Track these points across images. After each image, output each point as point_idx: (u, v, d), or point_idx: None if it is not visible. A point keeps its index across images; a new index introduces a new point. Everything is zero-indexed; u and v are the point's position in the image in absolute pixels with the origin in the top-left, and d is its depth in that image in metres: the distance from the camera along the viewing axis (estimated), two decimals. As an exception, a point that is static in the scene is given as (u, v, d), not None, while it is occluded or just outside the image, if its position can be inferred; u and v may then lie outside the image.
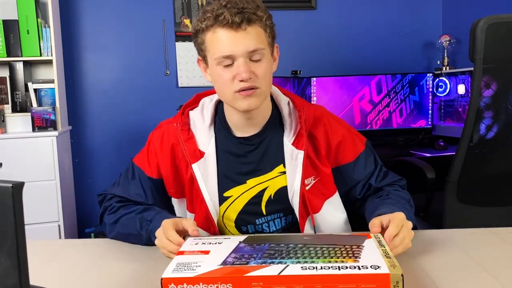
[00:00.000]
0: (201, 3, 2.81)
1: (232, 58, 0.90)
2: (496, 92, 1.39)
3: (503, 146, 1.47)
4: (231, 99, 0.94)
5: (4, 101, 2.45)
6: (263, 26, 0.92)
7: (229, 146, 1.03)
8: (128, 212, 1.01)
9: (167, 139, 1.04)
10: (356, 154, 1.06)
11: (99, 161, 2.83)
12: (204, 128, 1.03)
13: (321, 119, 1.05)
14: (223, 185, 1.02)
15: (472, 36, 1.35)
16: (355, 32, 2.91)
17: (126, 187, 1.08)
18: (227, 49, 0.89)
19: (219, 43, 0.89)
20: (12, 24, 2.37)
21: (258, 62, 0.91)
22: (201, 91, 1.13)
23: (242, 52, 0.89)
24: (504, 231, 1.00)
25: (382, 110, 2.59)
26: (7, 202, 0.41)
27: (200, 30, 0.92)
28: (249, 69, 0.90)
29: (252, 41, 0.89)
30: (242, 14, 0.87)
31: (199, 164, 1.00)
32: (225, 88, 0.93)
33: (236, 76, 0.90)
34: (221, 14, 0.87)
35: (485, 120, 1.41)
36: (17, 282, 0.42)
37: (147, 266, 0.86)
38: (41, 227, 2.27)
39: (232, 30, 0.88)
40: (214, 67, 0.93)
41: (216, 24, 0.88)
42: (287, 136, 1.02)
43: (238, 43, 0.88)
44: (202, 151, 1.01)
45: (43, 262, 0.90)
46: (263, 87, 0.93)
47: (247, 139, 1.02)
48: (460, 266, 0.81)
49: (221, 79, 0.92)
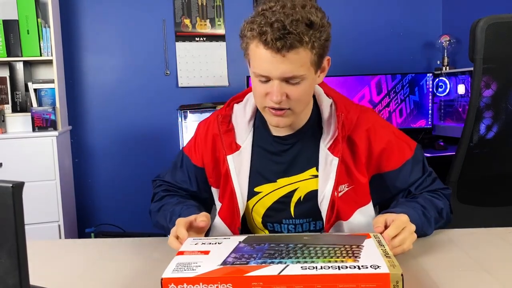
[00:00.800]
0: (201, 3, 2.81)
1: (268, 78, 0.88)
2: (496, 92, 1.39)
3: (503, 146, 1.47)
4: (262, 110, 0.96)
5: (4, 101, 2.45)
6: (309, 48, 0.85)
7: (265, 143, 1.04)
8: (166, 204, 1.06)
9: (211, 130, 1.07)
10: (401, 162, 1.01)
11: (99, 161, 2.83)
12: (244, 122, 1.05)
13: (365, 123, 1.01)
14: (254, 180, 1.03)
15: (472, 36, 1.35)
16: (355, 32, 2.91)
17: (173, 174, 1.13)
18: (264, 69, 0.87)
19: (258, 60, 0.87)
20: (12, 24, 2.37)
21: (295, 85, 0.89)
22: (201, 91, 1.14)
23: (278, 76, 0.87)
24: (504, 231, 1.00)
25: (382, 110, 2.59)
26: (7, 202, 0.41)
27: (246, 37, 0.90)
28: (282, 93, 0.88)
29: (289, 67, 0.85)
30: (284, 40, 0.82)
31: (234, 156, 1.02)
32: (257, 100, 0.95)
33: (268, 95, 0.90)
34: (264, 33, 0.83)
35: (485, 120, 1.41)
36: (17, 282, 0.42)
37: (146, 266, 0.86)
38: (41, 227, 2.27)
39: (272, 51, 0.84)
40: (253, 76, 0.93)
41: (258, 40, 0.85)
42: (324, 140, 1.00)
43: (275, 67, 0.86)
44: (238, 144, 1.03)
45: (43, 262, 0.90)
46: (296, 108, 0.92)
47: (283, 138, 1.02)
48: (460, 266, 0.81)
49: (256, 91, 0.93)
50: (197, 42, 2.82)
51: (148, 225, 2.77)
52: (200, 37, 2.82)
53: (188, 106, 2.53)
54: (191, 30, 2.81)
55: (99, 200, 2.85)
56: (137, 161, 2.82)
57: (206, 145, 1.07)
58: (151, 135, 2.82)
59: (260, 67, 0.87)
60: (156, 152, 2.81)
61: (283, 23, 0.82)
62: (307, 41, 0.84)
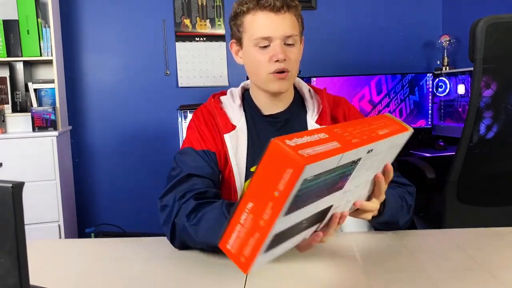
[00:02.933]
0: (201, 3, 2.81)
1: (269, 40, 0.96)
2: (496, 92, 1.39)
3: (503, 146, 1.46)
4: (264, 80, 1.00)
5: (4, 101, 2.45)
6: (297, 15, 0.99)
7: (258, 124, 1.07)
8: (211, 211, 0.89)
9: (208, 116, 1.07)
10: None
11: (99, 161, 2.83)
12: (234, 107, 1.07)
13: (340, 102, 1.12)
14: (251, 160, 1.04)
15: (472, 36, 1.35)
16: (355, 32, 2.91)
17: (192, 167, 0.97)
18: (266, 31, 0.95)
19: (259, 25, 0.96)
20: (12, 24, 2.37)
21: (291, 47, 0.98)
22: (201, 91, 1.14)
23: (280, 35, 0.95)
24: (504, 231, 1.00)
25: (382, 110, 2.59)
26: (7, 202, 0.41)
27: (241, 13, 0.98)
28: (285, 51, 0.96)
29: (289, 26, 0.96)
30: (284, 3, 0.94)
31: (231, 135, 1.03)
32: (260, 69, 0.99)
33: (272, 57, 0.96)
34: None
35: (485, 120, 1.41)
36: (17, 282, 0.42)
37: (147, 266, 0.86)
38: (41, 227, 2.27)
39: (272, 13, 0.95)
40: (250, 48, 0.99)
41: (257, 7, 0.95)
42: (310, 116, 1.07)
43: (277, 26, 0.95)
44: (234, 124, 1.05)
45: (43, 262, 0.89)
46: (293, 71, 1.00)
47: (274, 116, 1.07)
48: (460, 266, 0.81)
49: (256, 60, 0.98)
50: (197, 42, 2.82)
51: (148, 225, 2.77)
52: (200, 37, 2.82)
53: (188, 106, 2.53)
54: (191, 30, 2.81)
55: (99, 200, 2.85)
56: (137, 161, 2.82)
57: (209, 130, 1.05)
58: (151, 135, 2.82)
59: (262, 30, 0.95)
60: (156, 152, 2.81)
61: None
62: (297, 4, 0.98)
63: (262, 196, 0.50)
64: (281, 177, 0.48)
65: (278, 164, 0.49)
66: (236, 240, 0.53)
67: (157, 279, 0.66)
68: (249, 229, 0.52)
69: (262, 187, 0.50)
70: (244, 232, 0.53)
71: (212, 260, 0.87)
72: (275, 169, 0.49)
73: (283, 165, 0.48)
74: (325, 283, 0.75)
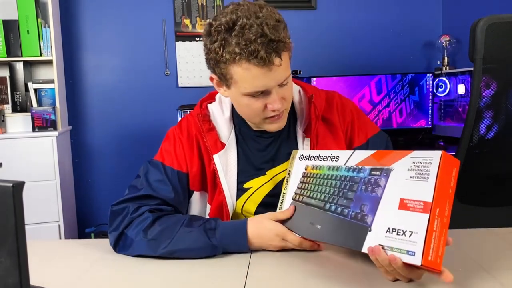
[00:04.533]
0: (201, 3, 2.81)
1: (266, 91, 0.89)
2: (496, 92, 1.39)
3: (503, 146, 1.46)
4: (258, 123, 0.97)
5: (4, 101, 2.45)
6: (288, 49, 0.88)
7: (248, 139, 1.04)
8: (174, 224, 0.90)
9: (191, 131, 1.03)
10: (367, 136, 1.06)
11: (99, 161, 2.83)
12: (224, 121, 1.04)
13: (332, 101, 1.06)
14: (243, 176, 1.02)
15: (472, 36, 1.35)
16: (355, 32, 2.91)
17: (153, 188, 0.97)
18: (261, 85, 0.87)
19: (251, 79, 0.86)
20: (12, 24, 2.37)
21: (285, 86, 0.91)
22: (201, 91, 1.13)
23: (274, 85, 0.88)
24: (504, 231, 1.00)
25: (382, 110, 2.59)
26: (7, 202, 0.41)
27: (224, 61, 0.85)
28: (281, 98, 0.90)
29: (282, 72, 0.87)
30: (275, 51, 0.83)
31: (220, 155, 1.00)
32: (254, 115, 0.94)
33: (268, 106, 0.91)
34: (254, 52, 0.81)
35: (485, 120, 1.41)
36: (17, 281, 0.42)
37: (147, 266, 0.86)
38: (41, 227, 2.28)
39: (265, 65, 0.83)
40: (240, 97, 0.91)
41: (248, 61, 0.83)
42: (299, 124, 1.04)
43: (272, 78, 0.87)
44: (223, 142, 1.02)
45: (43, 262, 0.89)
46: (288, 107, 0.97)
47: (264, 132, 1.03)
48: (460, 266, 0.81)
49: (251, 109, 0.92)
50: (197, 42, 2.82)
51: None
52: (200, 37, 2.82)
53: (188, 106, 2.53)
54: (191, 30, 2.82)
55: (99, 200, 2.85)
56: (137, 161, 2.81)
57: (189, 148, 1.02)
58: (151, 135, 2.82)
59: (256, 85, 0.87)
60: (156, 152, 2.81)
61: (266, 35, 0.82)
62: (288, 42, 0.87)
63: (443, 198, 0.64)
64: (451, 176, 0.65)
65: (449, 167, 0.65)
66: (433, 248, 0.63)
67: (157, 279, 0.66)
68: (440, 231, 0.64)
69: (442, 191, 0.64)
70: (437, 236, 0.64)
71: (212, 260, 0.87)
72: (448, 173, 0.65)
73: (451, 167, 0.66)
74: (325, 282, 0.75)
